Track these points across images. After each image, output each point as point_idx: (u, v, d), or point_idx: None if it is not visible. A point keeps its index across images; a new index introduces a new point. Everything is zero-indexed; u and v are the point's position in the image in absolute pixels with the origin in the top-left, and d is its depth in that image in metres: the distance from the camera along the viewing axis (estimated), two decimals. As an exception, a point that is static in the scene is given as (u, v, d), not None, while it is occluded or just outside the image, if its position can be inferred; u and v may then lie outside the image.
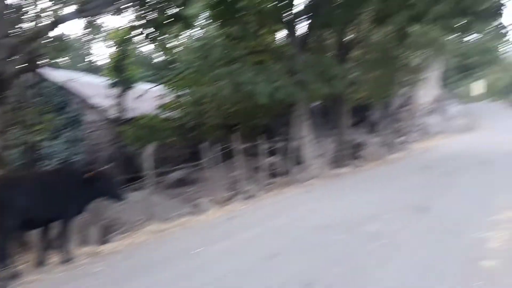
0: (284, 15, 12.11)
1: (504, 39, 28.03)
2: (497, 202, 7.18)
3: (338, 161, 13.78)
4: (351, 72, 17.77)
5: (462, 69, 32.98)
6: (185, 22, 11.77)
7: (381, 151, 16.49)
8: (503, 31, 12.76)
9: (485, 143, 18.40)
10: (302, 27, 15.05)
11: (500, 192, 7.99)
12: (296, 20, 12.13)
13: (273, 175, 14.06)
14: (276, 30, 15.56)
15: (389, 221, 6.33)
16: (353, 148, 15.29)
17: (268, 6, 13.31)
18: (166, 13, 11.53)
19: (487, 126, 27.48)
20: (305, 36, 12.74)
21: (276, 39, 18.01)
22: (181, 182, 16.44)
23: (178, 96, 16.23)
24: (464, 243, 5.12)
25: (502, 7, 11.04)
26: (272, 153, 17.91)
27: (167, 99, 16.32)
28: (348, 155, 14.56)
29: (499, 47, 30.99)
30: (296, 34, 12.09)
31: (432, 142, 21.04)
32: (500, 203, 7.04)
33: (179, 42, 20.02)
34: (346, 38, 16.00)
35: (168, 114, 16.33)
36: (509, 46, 35.89)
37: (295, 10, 12.44)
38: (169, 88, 15.90)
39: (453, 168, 11.51)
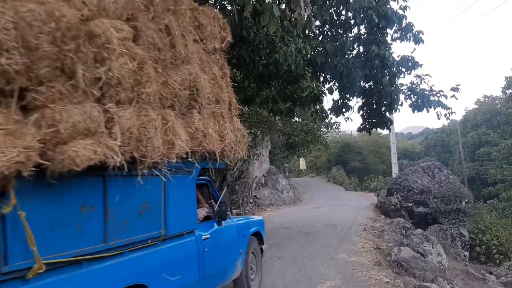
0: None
1: (324, 122, 32.24)
2: (319, 272, 7.80)
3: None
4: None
5: (289, 146, 36.51)
6: None
7: (217, 223, 16.69)
8: (324, 114, 14.54)
9: (309, 215, 20.24)
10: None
11: (322, 262, 8.72)
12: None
13: None
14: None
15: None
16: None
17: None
18: None
19: (310, 199, 30.56)
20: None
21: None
22: None
23: None
24: (288, 315, 5.34)
25: (322, 95, 12.76)
26: None
27: None
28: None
29: (320, 129, 35.24)
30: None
31: (264, 214, 22.26)
32: (321, 274, 7.66)
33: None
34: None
35: None
36: (328, 129, 41.42)
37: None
38: None
39: (282, 239, 12.21)
